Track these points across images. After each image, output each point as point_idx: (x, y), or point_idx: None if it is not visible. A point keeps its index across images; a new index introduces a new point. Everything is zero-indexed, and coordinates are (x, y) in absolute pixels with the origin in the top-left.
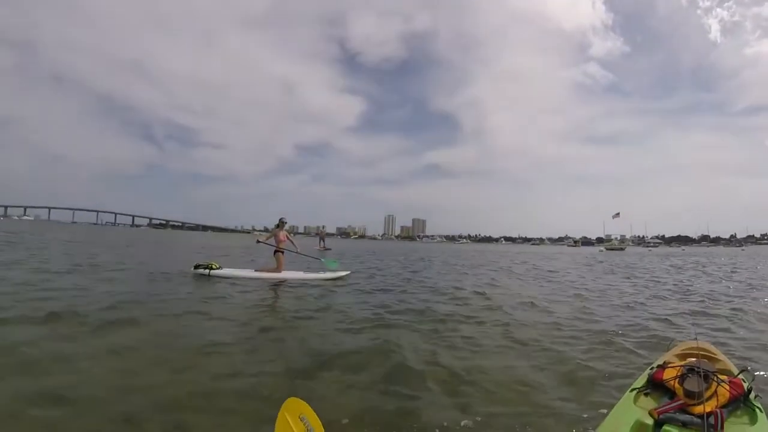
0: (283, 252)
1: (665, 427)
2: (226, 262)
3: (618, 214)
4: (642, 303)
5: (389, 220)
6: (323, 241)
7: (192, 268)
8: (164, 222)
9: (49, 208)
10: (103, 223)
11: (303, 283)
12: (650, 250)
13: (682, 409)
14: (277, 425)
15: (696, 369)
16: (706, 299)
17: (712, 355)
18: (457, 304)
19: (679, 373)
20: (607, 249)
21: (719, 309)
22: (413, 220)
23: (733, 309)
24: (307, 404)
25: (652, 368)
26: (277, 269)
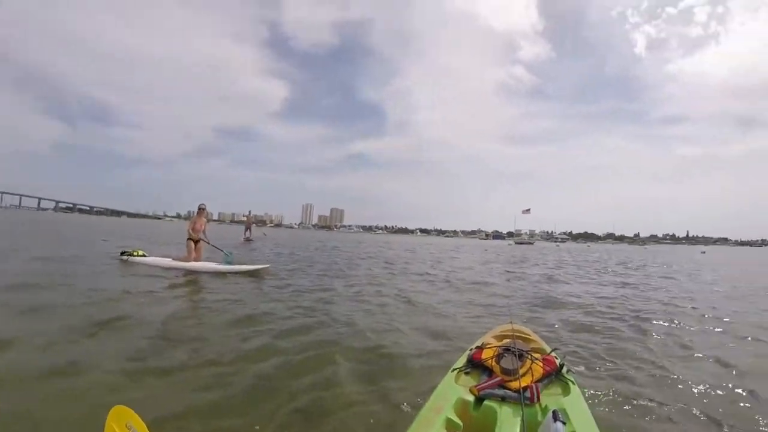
0: (197, 241)
1: (486, 402)
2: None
3: (528, 210)
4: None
5: (307, 209)
6: (249, 230)
7: (119, 254)
8: (72, 206)
9: None
10: (7, 205)
11: (213, 275)
12: (558, 246)
13: (501, 386)
14: None
15: (511, 349)
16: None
17: (527, 336)
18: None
19: (495, 353)
20: (516, 243)
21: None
22: (331, 210)
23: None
24: (133, 411)
25: (471, 349)
26: (188, 258)
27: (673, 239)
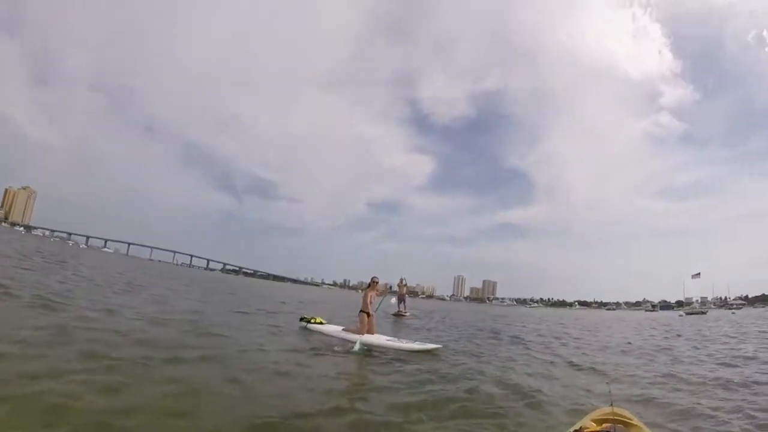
0: (369, 314)
1: None
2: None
3: (698, 274)
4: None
5: (459, 281)
6: (404, 302)
7: (299, 320)
8: (237, 268)
9: (129, 244)
10: (179, 263)
11: (382, 352)
12: (733, 313)
13: None
14: None
15: None
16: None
17: (628, 421)
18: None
19: None
20: (686, 314)
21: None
22: (483, 282)
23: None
24: None
25: None
26: (360, 331)
27: None
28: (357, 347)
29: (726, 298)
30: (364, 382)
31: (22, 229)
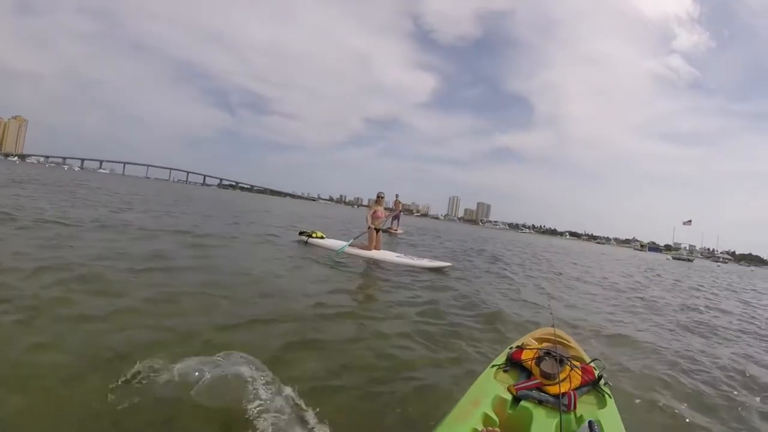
0: (378, 230)
1: (522, 403)
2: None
3: (690, 221)
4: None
5: (453, 201)
6: (397, 220)
7: (298, 234)
8: (234, 184)
9: (124, 163)
10: (175, 180)
11: (392, 268)
12: (719, 266)
13: (539, 388)
14: None
15: (552, 353)
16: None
17: (567, 343)
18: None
19: (536, 355)
20: (673, 258)
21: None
22: (478, 204)
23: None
24: None
25: (511, 348)
26: (369, 247)
27: None
28: (336, 253)
29: (714, 250)
30: (364, 290)
31: (16, 158)
